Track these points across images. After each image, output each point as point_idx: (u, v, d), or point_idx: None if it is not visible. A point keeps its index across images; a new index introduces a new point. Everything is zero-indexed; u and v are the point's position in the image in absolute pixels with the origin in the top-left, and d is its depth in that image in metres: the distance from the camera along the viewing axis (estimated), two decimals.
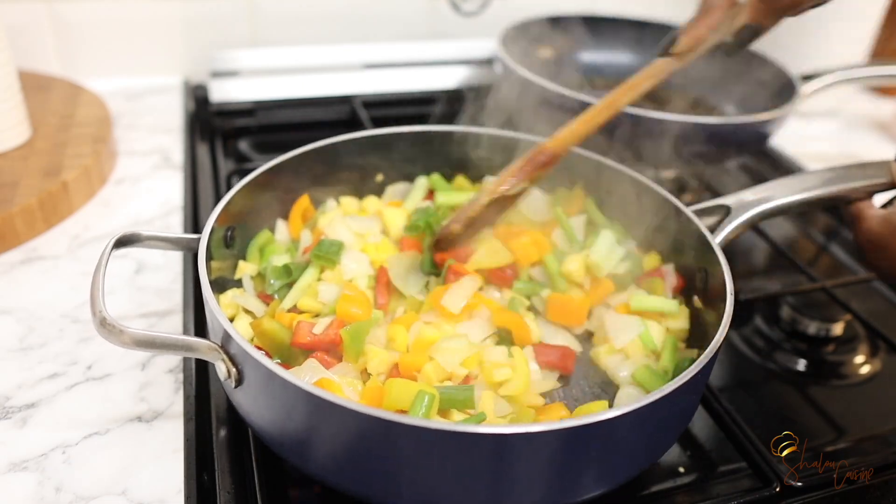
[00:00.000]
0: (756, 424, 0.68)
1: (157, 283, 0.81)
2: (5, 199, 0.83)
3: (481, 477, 0.48)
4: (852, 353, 0.82)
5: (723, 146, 1.02)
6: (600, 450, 0.50)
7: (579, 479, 0.51)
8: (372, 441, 0.48)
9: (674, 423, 0.57)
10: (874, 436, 0.71)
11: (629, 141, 0.98)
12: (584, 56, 1.31)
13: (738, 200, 0.71)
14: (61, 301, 0.77)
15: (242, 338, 0.52)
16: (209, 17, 1.24)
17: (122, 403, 0.66)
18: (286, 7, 1.27)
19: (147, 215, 0.92)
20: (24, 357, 0.70)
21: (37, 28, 1.17)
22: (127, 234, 0.60)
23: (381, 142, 0.83)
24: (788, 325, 0.84)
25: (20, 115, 0.94)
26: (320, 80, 1.22)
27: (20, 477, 0.59)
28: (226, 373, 0.54)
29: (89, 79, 1.21)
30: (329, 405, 0.47)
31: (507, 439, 0.46)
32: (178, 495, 0.58)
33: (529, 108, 0.99)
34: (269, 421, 0.54)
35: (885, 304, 0.91)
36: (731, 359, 0.80)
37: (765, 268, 0.98)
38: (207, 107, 1.17)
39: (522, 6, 1.33)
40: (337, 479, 0.52)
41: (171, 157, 1.05)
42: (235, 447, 0.63)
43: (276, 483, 0.60)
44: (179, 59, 1.26)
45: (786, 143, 1.24)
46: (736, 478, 0.65)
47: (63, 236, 0.87)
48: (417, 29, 1.35)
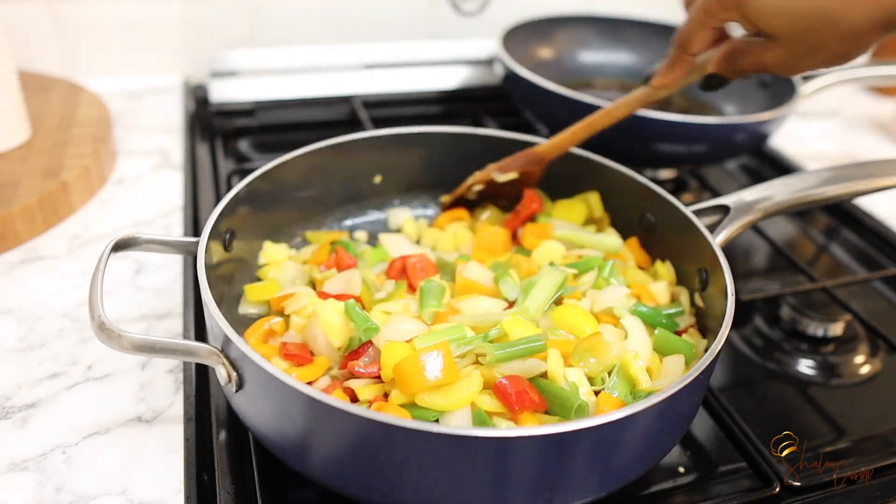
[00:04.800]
0: (756, 424, 0.68)
1: (157, 284, 0.81)
2: (5, 199, 0.83)
3: (482, 480, 0.48)
4: (852, 353, 0.82)
5: (723, 146, 1.02)
6: (602, 453, 0.50)
7: (580, 481, 0.51)
8: (372, 445, 0.48)
9: (675, 424, 0.57)
10: (874, 436, 0.71)
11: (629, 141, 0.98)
12: (584, 56, 1.31)
13: (737, 200, 0.71)
14: (61, 301, 0.77)
15: (243, 341, 0.51)
16: (209, 17, 1.24)
17: (122, 403, 0.66)
18: (286, 7, 1.27)
19: (147, 215, 0.92)
20: (24, 357, 0.70)
21: (37, 28, 1.17)
22: (125, 238, 0.60)
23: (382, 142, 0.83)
24: (788, 325, 0.84)
25: (20, 115, 0.94)
26: (320, 80, 1.22)
27: (20, 477, 0.59)
28: (226, 377, 0.54)
29: (89, 79, 1.21)
30: (330, 409, 0.47)
31: (507, 443, 0.46)
32: (178, 495, 0.58)
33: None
34: (270, 425, 0.54)
35: (885, 304, 0.91)
36: (731, 359, 0.80)
37: (765, 268, 0.98)
38: (207, 107, 1.17)
39: (522, 6, 1.33)
40: (338, 482, 0.52)
41: (171, 157, 1.05)
42: (235, 447, 0.63)
43: (277, 483, 0.60)
44: (179, 59, 1.26)
45: (786, 143, 1.24)
46: (736, 478, 0.65)
47: (63, 236, 0.87)
48: (417, 29, 1.35)
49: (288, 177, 0.76)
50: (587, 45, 1.31)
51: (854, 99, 1.46)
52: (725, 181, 1.17)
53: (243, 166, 1.04)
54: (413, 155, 0.85)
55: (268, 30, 1.28)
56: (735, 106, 1.22)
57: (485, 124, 1.18)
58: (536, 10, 1.29)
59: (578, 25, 1.30)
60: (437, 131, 0.84)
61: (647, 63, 1.29)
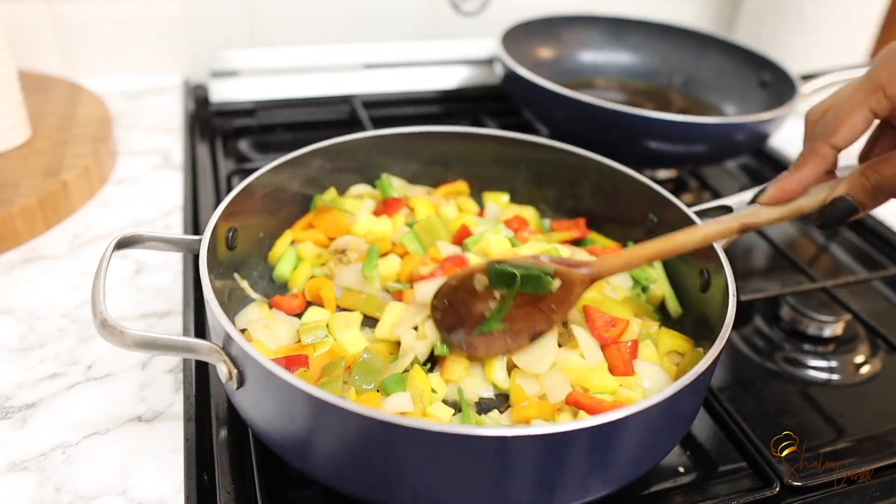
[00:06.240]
0: (756, 424, 0.68)
1: (157, 284, 0.81)
2: (5, 199, 0.83)
3: (482, 479, 0.48)
4: (852, 353, 0.82)
5: (723, 146, 1.02)
6: (602, 452, 0.50)
7: (581, 481, 0.51)
8: (373, 443, 0.48)
9: (676, 424, 0.57)
10: (874, 436, 0.71)
11: (629, 141, 0.98)
12: (584, 56, 1.31)
13: (739, 201, 0.71)
14: (61, 301, 0.77)
15: (244, 339, 0.52)
16: (209, 17, 1.24)
17: (122, 403, 0.66)
18: (286, 7, 1.27)
19: (147, 215, 0.92)
20: (24, 357, 0.70)
21: (37, 28, 1.17)
22: (128, 236, 0.60)
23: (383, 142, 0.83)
24: (788, 325, 0.84)
25: (20, 115, 0.94)
26: (320, 80, 1.22)
27: (20, 477, 0.59)
28: (227, 374, 0.54)
29: (89, 79, 1.21)
30: (330, 407, 0.47)
31: (508, 442, 0.46)
32: (178, 495, 0.58)
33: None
34: (271, 422, 0.54)
35: (885, 304, 0.91)
36: (731, 359, 0.80)
37: (765, 268, 0.98)
38: (207, 107, 1.17)
39: (522, 6, 1.33)
40: (338, 480, 0.52)
41: (171, 157, 1.05)
42: (235, 447, 0.63)
43: (276, 483, 0.60)
44: (179, 59, 1.26)
45: (786, 143, 1.24)
46: (736, 478, 0.65)
47: (63, 236, 0.87)
48: (417, 29, 1.35)
49: (288, 176, 0.76)
50: (587, 45, 1.31)
51: None
52: (725, 181, 1.17)
53: (243, 166, 1.04)
54: (413, 155, 0.85)
55: (268, 30, 1.28)
56: (735, 106, 1.22)
57: (485, 124, 1.18)
58: (536, 10, 1.29)
59: (578, 25, 1.30)
60: (437, 131, 0.84)
61: (647, 63, 1.30)
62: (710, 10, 1.54)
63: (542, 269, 0.62)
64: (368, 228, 0.79)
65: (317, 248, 0.78)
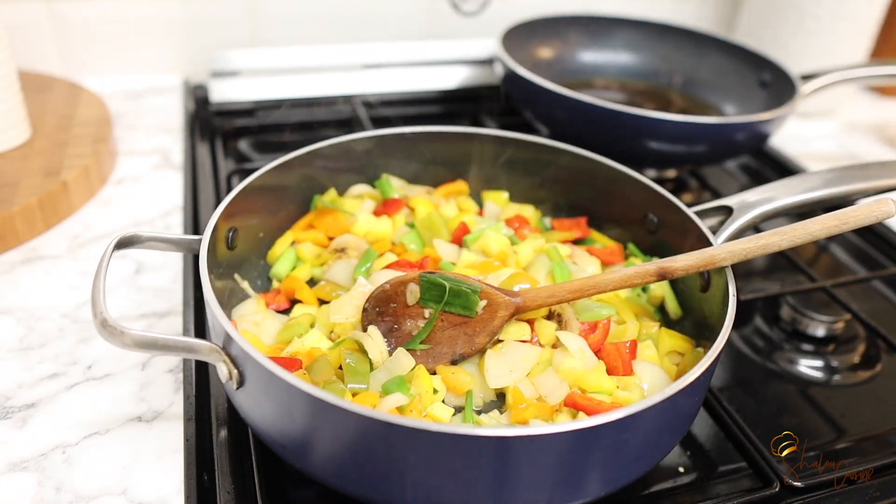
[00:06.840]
0: (756, 424, 0.69)
1: (157, 284, 0.81)
2: (5, 199, 0.83)
3: (482, 479, 0.48)
4: (852, 353, 0.82)
5: (723, 146, 1.02)
6: (602, 453, 0.50)
7: (581, 482, 0.51)
8: (372, 443, 0.48)
9: (676, 424, 0.57)
10: (874, 436, 0.71)
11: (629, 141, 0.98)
12: (584, 56, 1.31)
13: (740, 201, 0.71)
14: (61, 301, 0.77)
15: (244, 339, 0.52)
16: (209, 17, 1.24)
17: (122, 403, 0.66)
18: (286, 7, 1.27)
19: (147, 215, 0.92)
20: (24, 357, 0.70)
21: (37, 28, 1.17)
22: (128, 236, 0.60)
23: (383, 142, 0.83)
24: (788, 325, 0.84)
25: (20, 115, 0.94)
26: (320, 80, 1.22)
27: (20, 477, 0.59)
28: (227, 374, 0.54)
29: (89, 79, 1.21)
30: (331, 407, 0.47)
31: (508, 442, 0.46)
32: (178, 495, 0.58)
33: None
34: (271, 423, 0.54)
35: (885, 304, 0.91)
36: (731, 359, 0.80)
37: (765, 268, 0.98)
38: (207, 107, 1.17)
39: (522, 6, 1.33)
40: (338, 480, 0.52)
41: (171, 157, 1.05)
42: (235, 447, 0.63)
43: (276, 483, 0.60)
44: (179, 59, 1.26)
45: (786, 143, 1.24)
46: (736, 478, 0.65)
47: (63, 236, 0.87)
48: (417, 29, 1.35)
49: (288, 176, 0.76)
50: (587, 45, 1.31)
51: (854, 99, 1.46)
52: (725, 181, 1.17)
53: (243, 166, 1.04)
54: (413, 155, 0.85)
55: (268, 30, 1.28)
56: (735, 106, 1.22)
57: (485, 124, 1.18)
58: (536, 10, 1.29)
59: (578, 25, 1.30)
60: (437, 131, 0.84)
61: (647, 63, 1.30)
62: (710, 10, 1.54)
63: (471, 286, 0.65)
64: (368, 228, 0.79)
65: (317, 249, 0.78)
